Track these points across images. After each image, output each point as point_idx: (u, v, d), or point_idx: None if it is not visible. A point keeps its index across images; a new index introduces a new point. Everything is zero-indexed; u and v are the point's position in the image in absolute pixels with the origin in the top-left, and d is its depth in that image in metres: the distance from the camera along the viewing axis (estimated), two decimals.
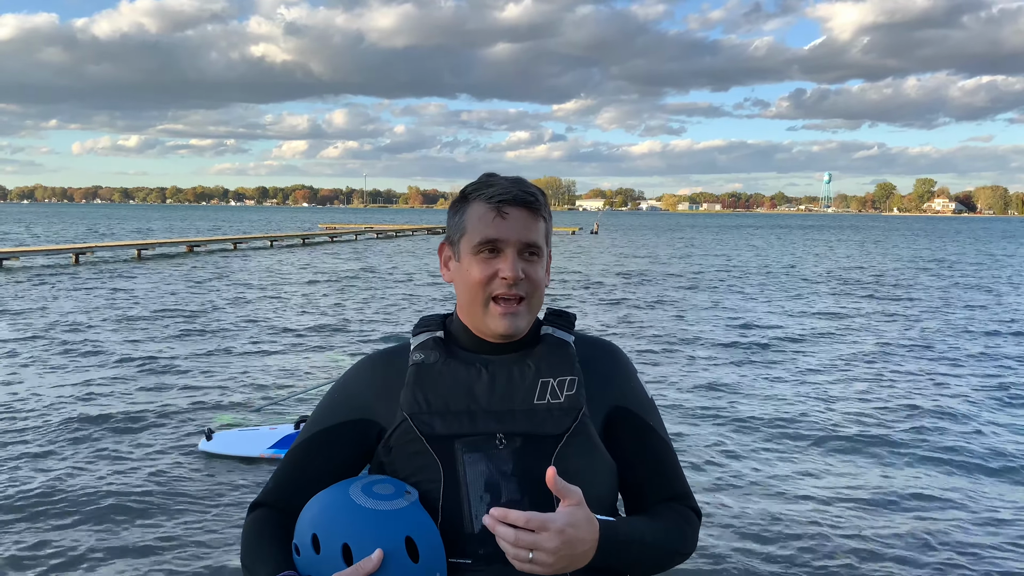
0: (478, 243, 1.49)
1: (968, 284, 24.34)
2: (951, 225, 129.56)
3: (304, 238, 46.48)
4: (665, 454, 1.60)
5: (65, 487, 6.12)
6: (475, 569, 1.44)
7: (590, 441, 1.50)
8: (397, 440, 1.50)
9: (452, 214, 1.57)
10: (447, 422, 1.48)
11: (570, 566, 1.36)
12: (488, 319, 1.50)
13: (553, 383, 1.51)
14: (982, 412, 8.81)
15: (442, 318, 1.63)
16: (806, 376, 10.58)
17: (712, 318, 15.92)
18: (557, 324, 1.60)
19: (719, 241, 55.22)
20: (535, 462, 1.45)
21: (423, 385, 1.51)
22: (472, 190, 1.54)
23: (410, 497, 1.44)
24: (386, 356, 1.62)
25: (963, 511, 5.95)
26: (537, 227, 1.51)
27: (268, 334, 13.26)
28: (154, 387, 9.39)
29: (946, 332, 14.48)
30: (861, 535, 5.46)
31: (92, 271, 24.18)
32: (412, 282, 22.86)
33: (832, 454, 7.28)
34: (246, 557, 1.50)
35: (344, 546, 1.37)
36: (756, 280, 24.86)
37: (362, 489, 1.44)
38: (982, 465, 7.03)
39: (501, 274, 1.47)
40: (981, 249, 48.02)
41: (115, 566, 4.88)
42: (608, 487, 1.54)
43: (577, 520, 1.34)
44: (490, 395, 1.50)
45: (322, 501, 1.44)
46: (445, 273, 1.60)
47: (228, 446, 6.94)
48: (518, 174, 1.58)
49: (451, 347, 1.56)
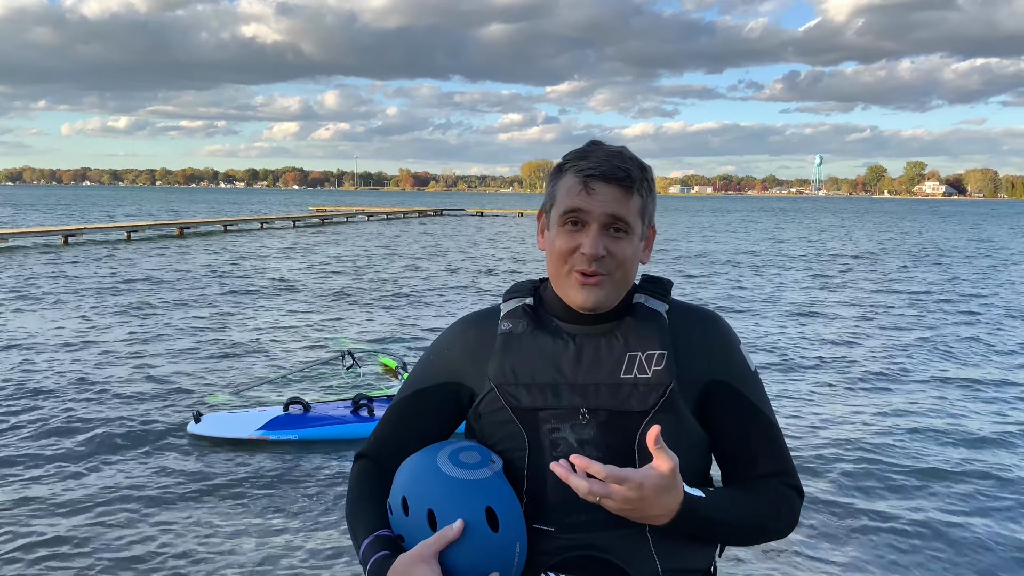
0: (563, 213, 1.47)
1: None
2: (944, 208, 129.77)
3: (295, 220, 46.34)
4: (766, 429, 1.54)
5: (52, 467, 6.13)
6: (558, 536, 1.46)
7: (678, 416, 1.47)
8: (485, 408, 1.53)
9: (549, 183, 1.55)
10: (532, 395, 1.48)
11: (639, 519, 1.39)
12: (569, 290, 1.48)
13: (641, 357, 1.47)
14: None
15: (534, 284, 1.62)
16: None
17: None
18: (651, 292, 1.56)
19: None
20: (619, 437, 1.45)
21: (510, 356, 1.52)
22: (567, 161, 1.51)
23: (494, 467, 1.47)
24: (477, 320, 1.62)
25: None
26: (628, 203, 1.46)
27: (258, 316, 13.24)
28: (143, 369, 9.37)
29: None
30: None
31: (81, 252, 24.07)
32: (403, 262, 22.83)
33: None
34: (349, 512, 1.57)
35: (429, 511, 1.42)
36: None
37: (449, 456, 1.47)
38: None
39: (582, 249, 1.44)
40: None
41: (99, 547, 4.89)
42: (698, 464, 1.52)
43: (659, 484, 1.34)
44: (576, 368, 1.48)
45: (413, 465, 1.49)
46: (540, 240, 1.58)
47: (217, 428, 6.94)
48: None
49: (541, 315, 1.55)
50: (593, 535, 1.44)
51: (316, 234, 36.59)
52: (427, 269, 21.55)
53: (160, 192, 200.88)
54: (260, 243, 30.06)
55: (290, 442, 6.82)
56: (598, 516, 1.42)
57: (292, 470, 6.24)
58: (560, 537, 1.46)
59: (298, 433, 6.87)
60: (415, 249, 28.48)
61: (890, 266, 24.15)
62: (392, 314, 13.76)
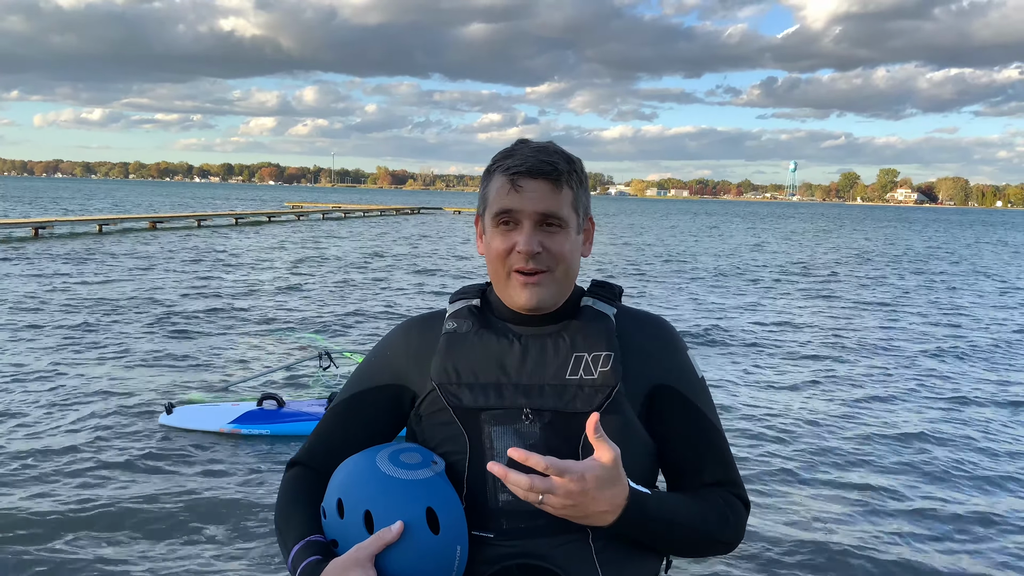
0: (495, 215, 1.46)
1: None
2: (917, 215, 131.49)
3: (270, 216, 46.03)
4: (712, 436, 1.51)
5: (18, 452, 6.10)
6: (497, 543, 1.40)
7: (624, 419, 1.43)
8: (426, 409, 1.49)
9: (481, 187, 1.53)
10: (475, 394, 1.45)
11: (583, 519, 1.33)
12: (511, 291, 1.46)
13: (587, 358, 1.45)
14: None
15: (481, 287, 1.59)
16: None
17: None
18: (599, 296, 1.54)
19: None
20: (563, 439, 1.41)
21: (453, 355, 1.48)
22: (495, 162, 1.49)
23: (436, 467, 1.42)
24: (421, 322, 1.59)
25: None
26: (558, 197, 1.44)
27: (232, 312, 13.18)
28: (114, 364, 9.33)
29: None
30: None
31: (51, 245, 23.77)
32: (377, 260, 22.79)
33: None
34: (279, 518, 1.50)
35: (366, 513, 1.36)
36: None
37: (389, 457, 1.42)
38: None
39: (518, 247, 1.43)
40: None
41: (65, 536, 4.89)
42: (642, 468, 1.47)
43: (601, 476, 1.30)
44: (520, 368, 1.45)
45: (349, 466, 1.44)
46: (479, 246, 1.55)
47: (188, 420, 6.94)
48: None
49: (486, 317, 1.52)
50: (533, 542, 1.39)
51: (292, 229, 36.41)
52: (408, 267, 21.53)
53: (133, 185, 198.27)
54: (236, 238, 29.86)
55: (262, 436, 6.83)
56: (539, 522, 1.38)
57: (260, 464, 6.25)
58: (499, 544, 1.40)
59: (271, 428, 6.87)
60: (404, 248, 28.42)
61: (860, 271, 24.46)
62: (369, 313, 13.76)
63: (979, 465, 6.74)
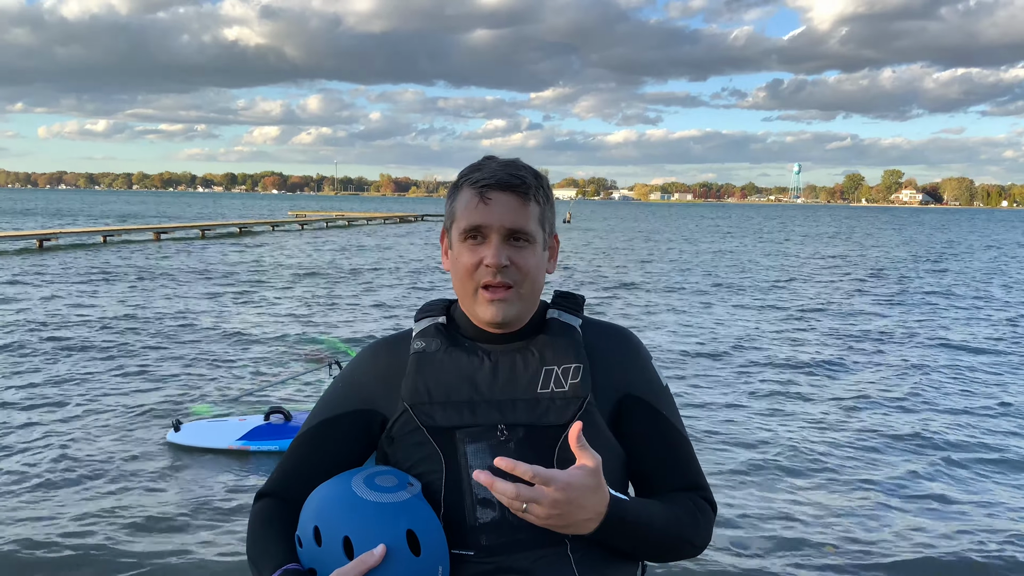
0: (463, 230, 1.46)
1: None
2: (917, 216, 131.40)
3: (273, 225, 46.08)
4: (678, 443, 1.56)
5: (27, 472, 5.99)
6: (477, 560, 1.41)
7: (596, 430, 1.45)
8: (399, 431, 1.48)
9: (447, 201, 1.53)
10: (448, 413, 1.45)
11: (566, 528, 1.34)
12: (477, 307, 1.46)
13: (557, 371, 1.47)
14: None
15: (446, 304, 1.59)
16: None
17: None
18: (564, 307, 1.56)
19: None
20: (538, 453, 1.42)
21: (424, 375, 1.48)
22: (462, 176, 1.50)
23: (412, 489, 1.42)
24: (389, 344, 1.58)
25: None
26: (526, 211, 1.45)
27: (237, 324, 13.08)
28: (122, 379, 9.21)
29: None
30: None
31: (56, 258, 23.74)
32: (379, 271, 22.72)
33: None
34: (251, 550, 1.47)
35: (345, 539, 1.34)
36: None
37: (364, 481, 1.41)
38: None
39: (485, 260, 1.43)
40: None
41: (74, 555, 4.78)
42: (615, 476, 1.49)
43: (584, 484, 1.31)
44: (492, 384, 1.46)
45: (324, 493, 1.42)
46: (445, 261, 1.56)
47: (196, 437, 6.83)
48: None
49: (454, 334, 1.53)
50: (513, 557, 1.39)
51: (296, 239, 36.39)
52: (409, 279, 21.46)
53: (137, 195, 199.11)
54: (240, 248, 29.83)
55: (270, 453, 6.72)
56: (519, 537, 1.39)
57: None
58: (480, 562, 1.41)
59: (279, 444, 6.75)
60: (399, 251, 28.38)
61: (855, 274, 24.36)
62: (380, 320, 13.68)
63: (980, 465, 6.64)
